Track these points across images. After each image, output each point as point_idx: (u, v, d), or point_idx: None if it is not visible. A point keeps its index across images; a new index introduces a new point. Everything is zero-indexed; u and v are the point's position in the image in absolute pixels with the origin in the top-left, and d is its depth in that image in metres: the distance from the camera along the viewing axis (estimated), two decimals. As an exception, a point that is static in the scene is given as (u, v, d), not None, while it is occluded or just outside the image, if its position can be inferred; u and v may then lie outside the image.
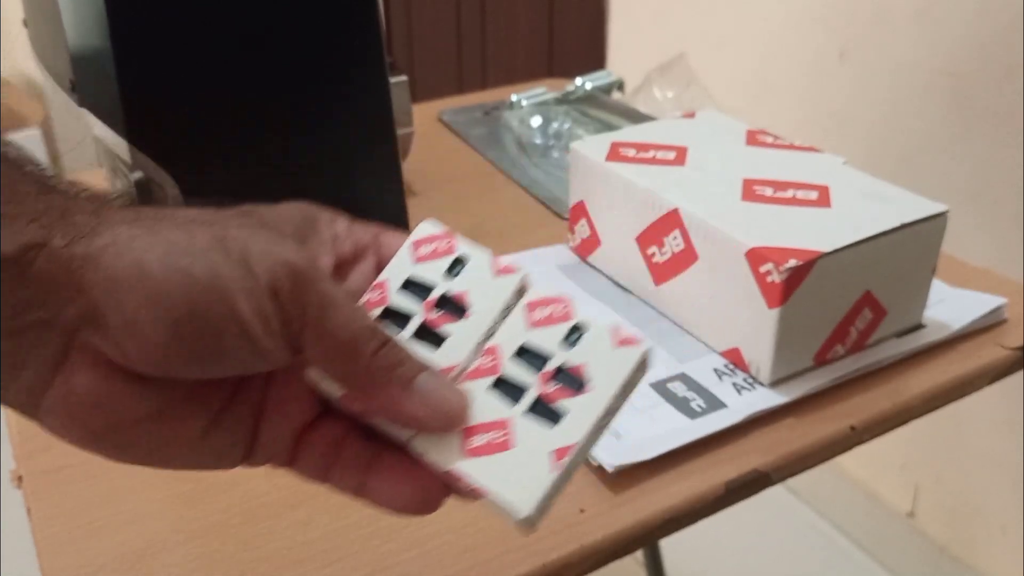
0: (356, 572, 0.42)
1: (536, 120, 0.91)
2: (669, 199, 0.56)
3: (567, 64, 1.70)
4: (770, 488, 0.49)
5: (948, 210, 0.54)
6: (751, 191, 0.57)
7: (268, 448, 0.30)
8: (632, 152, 0.62)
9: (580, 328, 0.30)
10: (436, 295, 0.32)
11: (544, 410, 0.29)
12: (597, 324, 0.30)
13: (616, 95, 0.99)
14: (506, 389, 0.30)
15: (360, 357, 0.27)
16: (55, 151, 2.23)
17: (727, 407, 0.51)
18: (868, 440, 0.52)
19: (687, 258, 0.55)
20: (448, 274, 0.32)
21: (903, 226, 0.53)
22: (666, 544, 1.13)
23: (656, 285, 0.59)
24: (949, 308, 0.59)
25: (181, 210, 0.27)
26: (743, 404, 0.51)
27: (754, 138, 0.65)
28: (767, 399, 0.51)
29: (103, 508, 0.46)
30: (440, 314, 0.31)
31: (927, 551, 1.30)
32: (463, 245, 0.32)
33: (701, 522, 0.47)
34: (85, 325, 0.25)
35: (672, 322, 0.58)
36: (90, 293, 0.25)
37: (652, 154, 0.62)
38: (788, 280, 0.49)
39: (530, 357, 0.30)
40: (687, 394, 0.52)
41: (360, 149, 0.60)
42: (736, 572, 1.37)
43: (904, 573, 1.35)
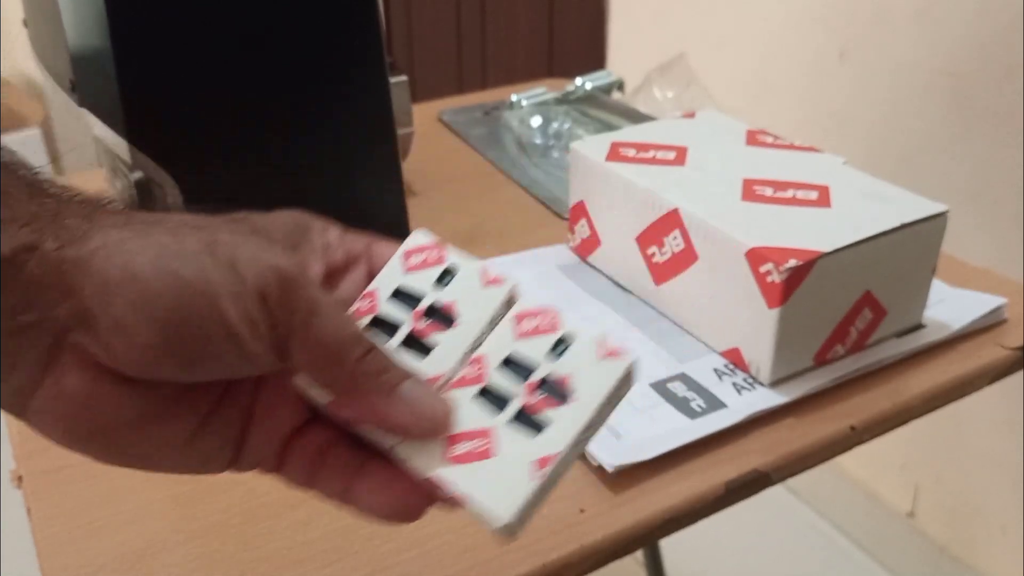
0: (356, 572, 0.42)
1: (536, 120, 0.91)
2: (669, 199, 0.56)
3: (567, 64, 1.70)
4: (770, 488, 0.49)
5: (948, 210, 0.54)
6: (751, 191, 0.57)
7: (255, 453, 0.30)
8: (632, 152, 0.62)
9: (566, 340, 0.30)
10: (425, 305, 0.32)
11: (528, 420, 0.29)
12: (583, 336, 0.30)
13: (616, 95, 0.99)
14: (491, 398, 0.30)
15: (345, 363, 0.28)
16: (55, 151, 2.23)
17: (727, 407, 0.51)
18: (868, 440, 0.52)
19: (687, 258, 0.55)
20: (438, 284, 0.32)
21: (903, 226, 0.53)
22: (666, 544, 1.13)
23: (656, 285, 0.59)
24: (949, 308, 0.59)
25: (173, 215, 0.28)
26: (743, 404, 0.51)
27: (754, 138, 0.65)
28: (767, 399, 0.51)
29: (103, 508, 0.46)
30: (428, 323, 0.32)
31: (927, 551, 1.30)
32: (453, 255, 0.33)
33: (701, 522, 0.47)
34: (75, 326, 0.25)
35: (672, 322, 0.58)
36: (80, 295, 0.25)
37: (652, 154, 0.62)
38: (788, 280, 0.49)
39: (516, 367, 0.30)
40: (687, 394, 0.52)
41: (360, 149, 0.60)
42: (736, 572, 1.37)
43: (904, 573, 1.35)
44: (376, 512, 0.30)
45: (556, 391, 0.30)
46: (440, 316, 0.32)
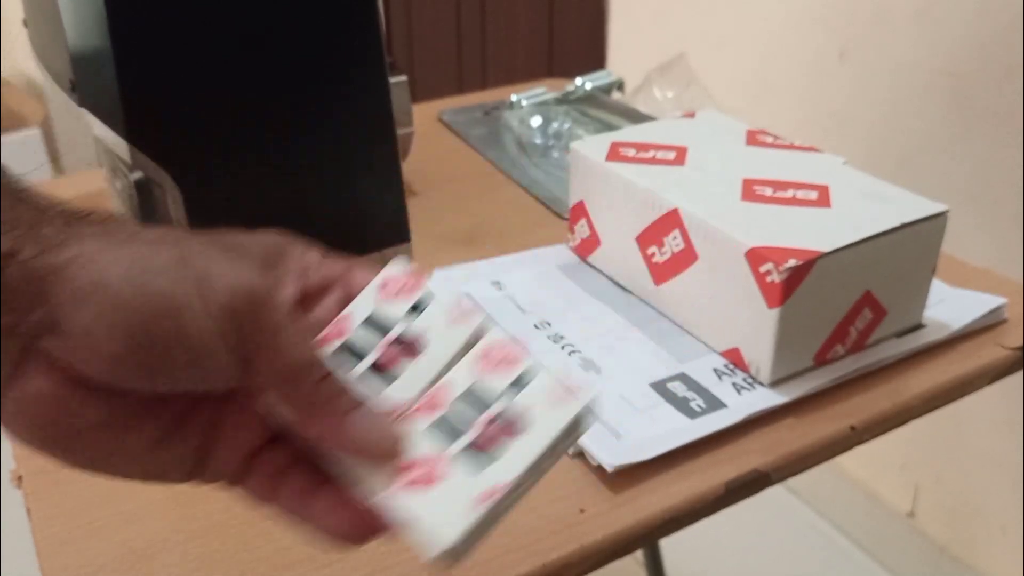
0: (356, 572, 0.42)
1: (536, 120, 0.91)
2: (669, 199, 0.56)
3: (567, 64, 1.70)
4: (770, 488, 0.49)
5: (948, 210, 0.54)
6: (751, 191, 0.57)
7: (217, 467, 0.31)
8: (632, 152, 0.62)
9: (527, 375, 0.31)
10: (395, 333, 0.33)
11: (479, 452, 0.30)
12: (543, 373, 0.31)
13: (616, 95, 0.99)
14: (446, 428, 0.31)
15: (302, 385, 0.29)
16: (55, 151, 2.23)
17: (727, 407, 0.51)
18: (868, 440, 0.52)
19: (687, 258, 0.55)
20: (410, 314, 0.34)
21: (903, 226, 0.53)
22: (666, 544, 1.13)
23: (656, 285, 0.59)
24: (949, 308, 0.59)
25: (152, 229, 0.28)
26: (743, 404, 0.51)
27: (754, 138, 0.65)
28: (767, 399, 0.51)
29: (103, 508, 0.46)
30: (396, 352, 0.33)
31: (927, 551, 1.30)
32: (428, 287, 0.34)
33: (701, 522, 0.47)
34: (45, 332, 0.26)
35: (672, 322, 0.58)
36: (53, 302, 0.25)
37: (652, 154, 0.62)
38: (788, 280, 0.49)
39: (474, 400, 0.31)
40: (687, 394, 0.52)
41: (360, 149, 0.60)
42: (736, 572, 1.37)
43: (904, 573, 1.35)
44: (328, 532, 0.31)
45: (511, 424, 0.30)
46: (408, 346, 0.33)
